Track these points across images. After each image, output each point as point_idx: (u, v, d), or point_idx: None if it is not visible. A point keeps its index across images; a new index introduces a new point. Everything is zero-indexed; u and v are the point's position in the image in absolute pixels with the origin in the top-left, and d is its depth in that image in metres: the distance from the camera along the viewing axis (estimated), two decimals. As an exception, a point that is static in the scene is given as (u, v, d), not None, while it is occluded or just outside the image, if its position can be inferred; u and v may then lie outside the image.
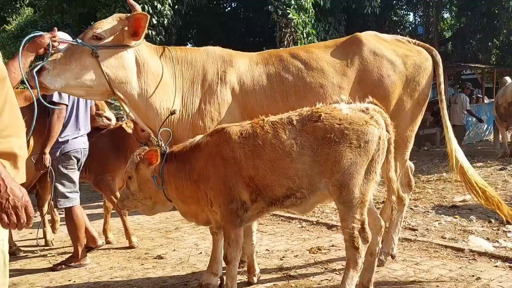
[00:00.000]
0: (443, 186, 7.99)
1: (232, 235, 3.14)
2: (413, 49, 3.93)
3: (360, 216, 2.96)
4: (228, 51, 3.79)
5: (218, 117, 3.54)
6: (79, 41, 3.21)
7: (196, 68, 3.60)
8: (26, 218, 1.76)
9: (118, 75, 3.32)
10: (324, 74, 3.65)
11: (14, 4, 13.92)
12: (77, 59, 3.20)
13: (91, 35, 3.25)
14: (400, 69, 3.75)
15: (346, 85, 3.67)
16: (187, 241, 5.30)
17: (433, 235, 4.91)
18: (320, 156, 2.93)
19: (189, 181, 3.21)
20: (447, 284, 3.46)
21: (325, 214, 6.24)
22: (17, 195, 1.74)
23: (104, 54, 3.26)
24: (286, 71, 3.65)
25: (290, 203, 3.09)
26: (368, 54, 3.74)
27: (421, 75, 3.82)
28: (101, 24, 3.32)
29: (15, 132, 2.04)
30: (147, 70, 3.44)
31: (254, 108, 3.57)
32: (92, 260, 4.71)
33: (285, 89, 3.62)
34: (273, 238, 5.19)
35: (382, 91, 3.68)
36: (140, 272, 4.28)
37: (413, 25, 20.49)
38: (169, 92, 3.49)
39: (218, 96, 3.55)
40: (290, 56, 3.75)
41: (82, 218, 4.56)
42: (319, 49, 3.84)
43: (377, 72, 3.70)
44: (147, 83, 3.43)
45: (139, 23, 3.26)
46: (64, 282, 4.11)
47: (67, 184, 4.43)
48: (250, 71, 3.65)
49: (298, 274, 3.89)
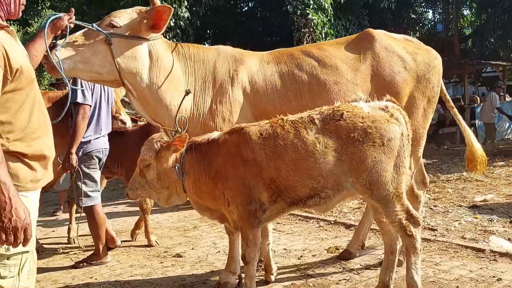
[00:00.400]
0: (464, 185, 7.88)
1: (250, 235, 3.12)
2: (422, 48, 3.98)
3: (401, 207, 2.97)
4: (240, 51, 3.78)
5: (229, 116, 3.52)
6: (95, 26, 3.18)
7: (208, 66, 3.59)
8: (23, 240, 1.81)
9: (128, 65, 3.27)
10: (338, 70, 3.65)
11: (35, 6, 14.23)
12: (90, 44, 3.18)
13: (108, 22, 3.24)
14: (410, 66, 3.79)
15: (360, 81, 3.68)
16: (205, 240, 5.35)
17: (453, 235, 4.86)
18: (344, 155, 2.93)
19: (207, 176, 3.17)
20: (467, 285, 3.43)
21: (343, 214, 6.22)
22: (20, 217, 1.78)
23: (118, 42, 3.23)
24: (299, 69, 3.64)
25: (313, 203, 3.08)
26: (380, 49, 3.77)
27: (431, 73, 3.86)
28: (119, 13, 3.31)
29: (43, 133, 2.11)
30: (160, 64, 3.39)
31: (266, 107, 3.56)
32: (112, 258, 4.79)
33: (298, 87, 3.61)
34: (291, 237, 5.20)
35: (394, 88, 3.69)
36: (159, 270, 4.34)
37: (432, 22, 20.21)
38: (180, 89, 3.45)
39: (230, 95, 3.53)
40: (302, 54, 3.74)
41: (103, 217, 4.63)
42: (331, 46, 3.85)
43: (388, 68, 3.74)
44: (159, 77, 3.38)
45: (161, 16, 3.22)
46: (86, 280, 4.20)
47: (89, 183, 4.50)
48: (262, 70, 3.64)
49: (316, 273, 3.90)
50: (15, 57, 1.93)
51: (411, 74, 3.79)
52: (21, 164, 1.98)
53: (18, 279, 1.97)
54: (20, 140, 1.98)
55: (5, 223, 1.75)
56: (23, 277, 1.99)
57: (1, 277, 1.91)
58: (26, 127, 2.01)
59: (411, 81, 3.79)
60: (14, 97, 1.94)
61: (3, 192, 1.75)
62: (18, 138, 1.98)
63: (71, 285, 4.05)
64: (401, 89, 3.72)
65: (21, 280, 1.98)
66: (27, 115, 2.02)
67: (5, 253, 1.91)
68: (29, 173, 2.00)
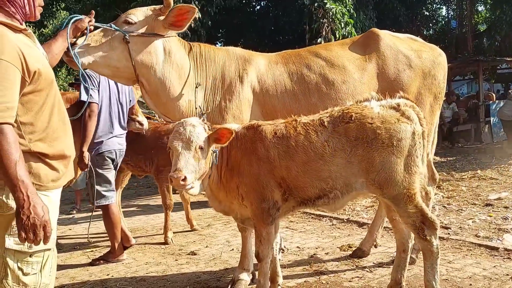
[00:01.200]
0: (478, 183, 7.81)
1: (264, 233, 3.15)
2: (426, 45, 4.07)
3: (415, 208, 2.94)
4: (249, 52, 3.87)
5: (239, 114, 3.59)
6: (113, 26, 3.29)
7: (218, 65, 3.67)
8: (43, 237, 1.86)
9: (143, 59, 3.37)
10: (345, 70, 3.72)
11: (50, 8, 14.45)
12: (108, 41, 3.29)
13: (123, 19, 3.34)
14: (416, 63, 3.86)
15: (367, 80, 3.75)
16: (219, 238, 5.42)
17: (466, 233, 4.84)
18: (353, 157, 2.93)
19: (226, 166, 3.19)
20: (480, 283, 3.43)
21: (356, 212, 6.23)
22: (38, 214, 1.83)
23: (135, 40, 3.33)
24: (308, 69, 3.71)
25: (322, 203, 3.10)
26: (385, 48, 3.85)
27: (436, 69, 3.93)
28: (135, 11, 3.41)
29: (63, 133, 2.18)
30: (173, 60, 3.49)
31: (275, 106, 3.64)
32: (128, 256, 4.89)
33: (307, 86, 3.67)
34: (304, 235, 5.23)
35: (400, 85, 3.75)
36: (174, 267, 4.42)
37: (446, 19, 20.01)
38: (191, 85, 3.55)
39: (239, 93, 3.60)
40: (310, 54, 3.81)
41: (118, 216, 4.71)
42: (337, 47, 3.94)
43: (393, 66, 3.81)
44: (171, 73, 3.47)
45: (183, 14, 3.32)
46: (103, 276, 4.29)
47: (103, 183, 4.57)
48: (271, 70, 3.71)
49: (329, 271, 3.93)
50: (33, 60, 1.99)
51: (417, 71, 3.85)
52: (42, 164, 2.05)
53: (40, 275, 2.04)
54: (41, 141, 2.05)
55: (24, 221, 1.81)
56: (45, 274, 2.06)
57: (24, 274, 1.99)
58: (47, 127, 2.09)
59: (416, 78, 3.85)
60: (34, 99, 2.01)
61: (21, 190, 1.81)
62: (40, 138, 2.05)
63: (88, 282, 4.15)
64: (407, 86, 3.78)
65: (43, 277, 2.05)
66: (48, 116, 2.09)
67: (28, 250, 1.98)
68: (50, 173, 2.07)
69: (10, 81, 1.88)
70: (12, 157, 1.81)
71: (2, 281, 1.95)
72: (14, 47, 1.93)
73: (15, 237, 1.94)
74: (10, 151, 1.81)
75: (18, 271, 1.97)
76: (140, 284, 3.99)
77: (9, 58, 1.89)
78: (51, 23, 15.58)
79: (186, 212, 5.90)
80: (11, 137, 1.83)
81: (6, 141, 1.81)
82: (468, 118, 14.75)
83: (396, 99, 3.14)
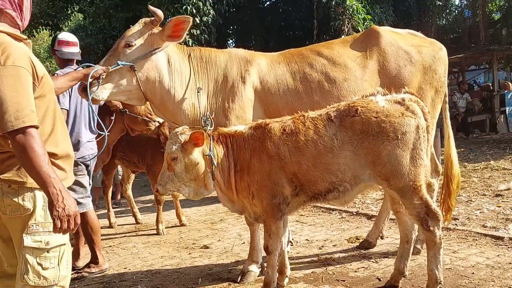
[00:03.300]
0: (490, 174, 7.80)
1: (273, 227, 3.26)
2: (426, 40, 4.14)
3: (420, 200, 3.03)
4: (251, 52, 3.97)
5: (242, 114, 3.70)
6: (120, 63, 3.45)
7: (220, 68, 3.78)
8: (74, 226, 2.05)
9: (149, 76, 3.55)
10: (347, 68, 3.82)
11: (65, 11, 14.75)
12: (118, 73, 3.48)
13: (124, 44, 3.51)
14: (416, 59, 3.94)
15: (368, 77, 3.85)
16: (231, 231, 5.58)
17: (474, 223, 4.91)
18: (360, 150, 3.04)
19: (233, 168, 3.31)
20: (483, 271, 3.52)
21: (365, 205, 6.32)
22: (70, 205, 2.02)
23: (140, 64, 3.52)
24: (310, 68, 3.81)
25: (332, 196, 3.20)
26: (386, 45, 3.93)
27: (437, 64, 4.01)
28: (130, 32, 3.57)
29: (65, 134, 2.36)
30: (175, 68, 3.64)
31: (278, 105, 3.74)
32: (144, 250, 5.10)
33: (310, 85, 3.77)
34: (313, 228, 5.36)
35: (401, 81, 3.84)
36: (188, 260, 4.60)
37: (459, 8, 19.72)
38: (194, 89, 3.69)
39: (242, 94, 3.71)
40: (312, 53, 3.91)
41: (97, 222, 4.46)
42: (338, 45, 4.03)
43: (395, 62, 3.90)
44: (175, 81, 3.63)
45: (181, 26, 3.48)
46: (120, 270, 4.50)
47: (78, 189, 4.28)
48: (273, 70, 3.81)
49: (336, 262, 4.06)
50: (39, 66, 2.16)
51: (417, 66, 3.94)
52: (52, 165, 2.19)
53: (59, 269, 2.20)
54: (49, 142, 2.20)
55: (60, 212, 1.99)
56: (62, 267, 2.22)
57: (44, 268, 2.15)
58: (52, 130, 2.24)
59: (417, 74, 3.94)
60: (39, 103, 2.15)
61: (54, 186, 1.98)
62: (47, 140, 2.20)
63: (106, 275, 4.36)
64: (408, 81, 3.86)
65: (61, 270, 2.22)
66: (52, 119, 2.25)
67: (45, 247, 2.15)
68: (59, 173, 2.20)
69: (30, 86, 2.05)
70: (44, 157, 1.98)
71: (24, 276, 2.11)
72: (26, 54, 2.09)
73: (32, 235, 2.12)
74: (42, 152, 1.98)
75: (38, 266, 2.12)
76: (155, 277, 4.18)
77: (25, 65, 2.05)
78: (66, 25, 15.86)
79: (175, 207, 6.26)
80: (39, 138, 2.00)
81: (37, 143, 1.97)
82: (483, 108, 14.61)
83: (401, 94, 3.25)
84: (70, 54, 4.45)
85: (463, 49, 15.15)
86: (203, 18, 10.09)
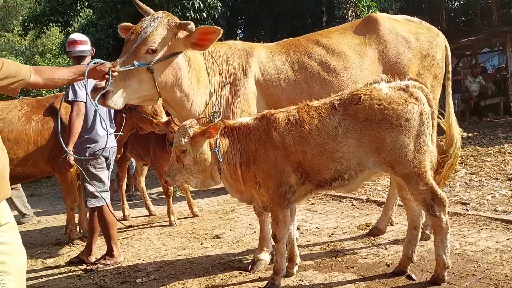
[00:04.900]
0: (503, 158, 7.71)
1: (280, 216, 3.31)
2: (423, 27, 4.13)
3: (426, 186, 3.05)
4: (249, 44, 3.94)
5: (247, 107, 3.68)
6: (136, 64, 3.19)
7: (223, 61, 3.74)
8: None
9: (167, 81, 3.39)
10: (346, 56, 3.82)
11: (75, 7, 14.87)
12: (135, 76, 3.25)
13: (146, 50, 3.23)
14: (414, 45, 3.95)
15: (368, 64, 3.84)
16: (242, 221, 5.65)
17: (485, 208, 4.88)
18: (364, 137, 3.06)
19: (239, 160, 3.35)
20: (492, 256, 3.52)
21: (376, 192, 6.33)
22: None
23: (158, 66, 3.31)
24: (309, 58, 3.80)
25: (337, 184, 3.23)
26: (384, 32, 3.93)
27: (434, 50, 4.01)
28: (154, 37, 3.26)
29: None
30: (193, 69, 3.56)
31: (279, 96, 3.74)
32: (158, 241, 5.20)
33: (309, 75, 3.76)
34: (324, 216, 5.40)
35: (400, 68, 3.85)
36: (200, 250, 4.68)
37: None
38: (207, 86, 3.65)
39: (245, 87, 3.69)
40: (310, 42, 3.89)
41: (113, 216, 4.55)
42: (337, 33, 4.01)
43: (394, 49, 3.90)
44: (193, 82, 3.53)
45: (209, 36, 3.29)
46: (135, 261, 4.61)
47: (96, 183, 4.41)
48: (272, 61, 3.80)
49: (345, 249, 4.10)
50: None
51: (416, 53, 3.95)
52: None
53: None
54: None
55: None
56: None
57: None
58: None
59: (416, 60, 3.95)
60: None
61: None
62: None
63: (121, 266, 4.47)
64: (407, 68, 3.87)
65: None
66: None
67: None
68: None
69: None
70: None
71: None
72: None
73: None
74: None
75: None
76: (168, 267, 4.27)
77: None
78: (76, 21, 15.99)
79: (187, 200, 6.39)
80: None
81: None
82: (497, 91, 14.39)
83: (405, 81, 3.25)
84: (79, 52, 4.67)
85: (476, 31, 14.91)
86: (210, 12, 10.08)
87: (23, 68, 2.50)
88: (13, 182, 5.96)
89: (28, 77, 2.51)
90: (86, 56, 4.68)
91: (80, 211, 6.06)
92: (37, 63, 19.08)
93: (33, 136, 5.22)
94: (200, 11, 9.62)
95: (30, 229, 7.11)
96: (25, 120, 5.28)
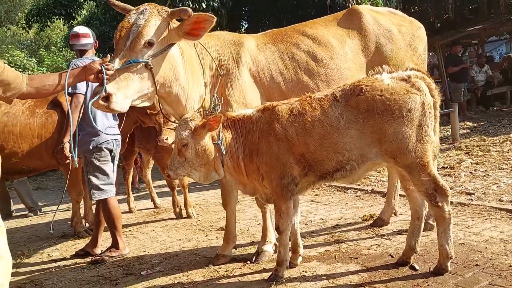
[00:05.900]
0: (509, 147, 7.66)
1: (283, 207, 3.32)
2: (406, 19, 4.21)
3: (428, 176, 3.06)
4: (237, 35, 3.88)
5: (243, 99, 3.60)
6: (132, 61, 3.00)
7: (214, 53, 3.59)
8: None
9: (165, 75, 3.21)
10: (331, 46, 3.85)
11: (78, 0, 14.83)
12: (135, 73, 3.04)
13: (143, 44, 3.02)
14: (396, 37, 4.02)
15: (351, 55, 3.89)
16: (247, 213, 5.67)
17: (490, 198, 4.87)
18: (366, 128, 3.06)
19: (242, 152, 3.35)
20: (496, 246, 3.51)
21: (381, 183, 6.32)
22: None
23: (156, 60, 3.12)
24: (296, 48, 3.80)
25: (340, 175, 3.23)
26: (367, 24, 3.98)
27: (416, 42, 4.12)
28: (148, 29, 3.03)
29: None
30: (187, 61, 3.39)
31: (271, 86, 3.70)
32: (163, 233, 5.23)
33: (298, 65, 3.76)
34: (328, 207, 5.41)
35: (382, 58, 3.92)
36: (205, 242, 4.71)
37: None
38: (201, 78, 3.52)
39: (238, 78, 3.60)
40: (296, 33, 3.89)
41: (118, 209, 4.55)
42: (321, 24, 4.03)
43: (376, 41, 3.97)
44: (188, 75, 3.38)
45: (202, 24, 3.09)
46: (140, 253, 4.64)
47: (100, 176, 4.41)
48: (262, 51, 3.75)
49: (349, 240, 4.10)
50: None
51: (398, 44, 4.02)
52: None
53: None
54: None
55: None
56: None
57: None
58: None
59: (397, 51, 4.02)
60: None
61: None
62: None
63: (126, 258, 4.51)
64: (390, 59, 3.94)
65: None
66: None
67: None
68: None
69: None
70: None
71: None
72: None
73: None
74: None
75: None
76: (173, 259, 4.30)
77: None
78: (79, 14, 15.95)
79: (184, 199, 6.10)
80: None
81: None
82: (504, 80, 14.26)
83: (407, 71, 3.23)
84: (81, 45, 4.71)
85: (483, 19, 14.73)
86: (210, 2, 10.02)
87: (20, 78, 2.59)
88: (19, 176, 6.01)
89: (23, 88, 2.60)
90: (88, 49, 4.69)
91: (85, 204, 6.10)
92: (42, 56, 19.10)
93: (37, 129, 5.25)
94: (200, 1, 9.55)
95: (36, 222, 7.17)
96: (29, 113, 5.31)
